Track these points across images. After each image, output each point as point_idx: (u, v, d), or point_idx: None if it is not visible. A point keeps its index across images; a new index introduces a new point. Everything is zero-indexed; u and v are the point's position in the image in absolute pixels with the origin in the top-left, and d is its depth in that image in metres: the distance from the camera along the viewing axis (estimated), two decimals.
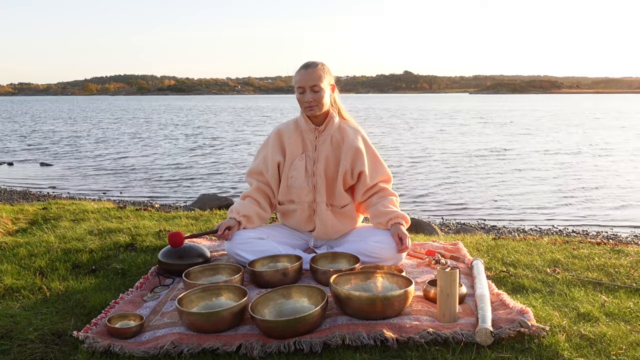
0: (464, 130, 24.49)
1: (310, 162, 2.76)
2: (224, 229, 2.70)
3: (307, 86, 2.64)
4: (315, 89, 2.64)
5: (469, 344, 1.83)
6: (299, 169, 2.76)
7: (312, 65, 2.67)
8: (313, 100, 2.65)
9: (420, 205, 8.62)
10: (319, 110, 2.69)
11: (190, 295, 2.13)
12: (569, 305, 2.20)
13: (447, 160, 13.72)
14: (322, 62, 2.72)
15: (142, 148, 17.72)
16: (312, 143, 2.77)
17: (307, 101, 2.65)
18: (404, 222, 2.69)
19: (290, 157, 2.79)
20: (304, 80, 2.64)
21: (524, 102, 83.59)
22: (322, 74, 2.66)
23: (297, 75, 2.68)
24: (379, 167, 2.83)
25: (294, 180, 2.77)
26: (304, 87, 2.65)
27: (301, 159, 2.77)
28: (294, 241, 2.85)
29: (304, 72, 2.66)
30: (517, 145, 17.32)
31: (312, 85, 2.63)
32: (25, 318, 2.11)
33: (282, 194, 2.83)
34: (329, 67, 2.75)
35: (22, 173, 12.80)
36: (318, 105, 2.67)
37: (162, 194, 9.96)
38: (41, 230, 3.65)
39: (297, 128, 2.82)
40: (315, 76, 2.64)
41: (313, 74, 2.64)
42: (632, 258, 2.91)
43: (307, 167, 2.76)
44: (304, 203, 2.77)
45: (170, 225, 3.80)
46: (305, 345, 1.83)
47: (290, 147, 2.79)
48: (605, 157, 14.12)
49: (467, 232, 5.15)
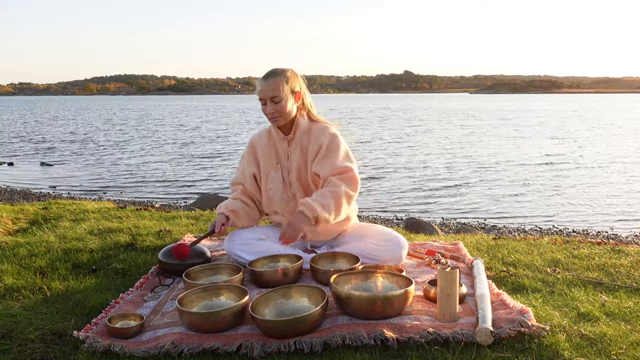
0: (465, 131, 24.49)
1: (286, 172, 2.72)
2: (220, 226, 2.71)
3: (267, 97, 2.56)
4: (275, 100, 2.56)
5: (469, 343, 1.83)
6: (275, 180, 2.73)
7: (271, 75, 2.58)
8: (275, 111, 2.57)
9: (420, 205, 8.62)
10: (283, 121, 2.62)
11: (191, 295, 2.13)
12: (569, 305, 2.20)
13: (448, 160, 13.73)
14: (284, 70, 2.62)
15: (143, 148, 17.73)
16: (285, 152, 2.72)
17: (268, 112, 2.58)
18: (309, 214, 2.45)
19: (264, 170, 2.76)
20: (263, 91, 2.57)
21: (524, 101, 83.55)
22: (281, 84, 2.55)
23: (257, 85, 2.61)
24: (335, 161, 2.59)
25: (273, 192, 2.74)
26: (264, 98, 2.57)
27: (276, 170, 2.73)
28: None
29: (263, 82, 2.58)
30: (517, 145, 17.32)
31: (271, 97, 2.55)
32: (25, 318, 2.11)
33: (265, 205, 2.82)
34: (294, 73, 2.65)
35: (22, 173, 12.81)
36: (281, 116, 2.59)
37: (162, 194, 9.97)
38: (41, 230, 3.65)
39: (270, 137, 2.77)
40: (274, 87, 2.55)
41: (272, 84, 2.55)
42: (632, 258, 2.91)
43: (284, 178, 2.72)
44: (287, 213, 2.74)
45: (171, 225, 3.80)
46: (305, 345, 1.83)
47: (263, 159, 2.76)
48: (605, 156, 14.12)
49: (467, 232, 5.15)
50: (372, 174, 11.59)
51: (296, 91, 2.63)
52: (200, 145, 18.41)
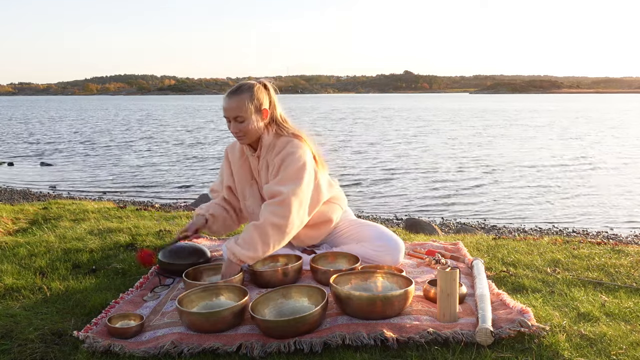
0: (469, 131, 24.49)
1: (260, 188, 2.66)
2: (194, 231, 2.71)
3: (230, 116, 2.47)
4: (238, 120, 2.46)
5: (469, 343, 1.83)
6: (252, 196, 2.69)
7: (236, 92, 2.47)
8: (239, 130, 2.48)
9: (420, 205, 8.62)
10: (248, 140, 2.54)
11: (191, 295, 2.13)
12: (569, 305, 2.20)
13: (448, 160, 13.73)
14: (251, 85, 2.50)
15: (143, 148, 17.72)
16: (256, 168, 2.67)
17: (233, 132, 2.50)
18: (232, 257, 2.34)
19: (239, 186, 2.73)
20: (226, 110, 2.48)
21: (526, 101, 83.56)
22: (244, 104, 2.44)
23: (222, 101, 2.51)
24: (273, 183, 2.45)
25: (252, 208, 2.70)
26: (228, 117, 2.49)
27: (252, 185, 2.69)
28: (292, 242, 2.83)
29: (227, 100, 2.48)
30: (518, 145, 17.32)
31: (234, 116, 2.46)
32: (25, 318, 2.11)
33: (247, 218, 2.80)
34: (262, 87, 2.52)
35: (22, 173, 12.80)
36: (246, 135, 2.50)
37: (162, 194, 9.97)
38: (41, 230, 3.65)
39: (243, 152, 2.71)
40: (236, 106, 2.45)
41: (234, 103, 2.45)
42: (632, 258, 2.91)
43: (260, 192, 2.67)
44: None
45: (171, 225, 3.80)
46: (305, 345, 1.83)
47: (238, 175, 2.72)
48: (606, 155, 14.12)
49: (467, 232, 5.15)
50: (372, 174, 11.60)
51: (262, 109, 2.51)
52: (200, 145, 18.42)
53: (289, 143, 2.51)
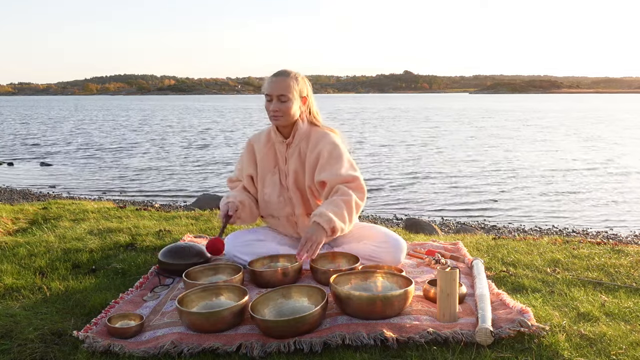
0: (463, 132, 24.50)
1: (283, 176, 2.70)
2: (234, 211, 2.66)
3: (275, 94, 2.53)
4: (282, 99, 2.53)
5: (469, 343, 1.83)
6: (272, 185, 2.70)
7: (283, 74, 2.58)
8: (279, 110, 2.54)
9: (420, 205, 8.62)
10: (285, 121, 2.59)
11: (190, 295, 2.13)
12: (569, 305, 2.20)
13: (448, 160, 13.73)
14: (297, 73, 2.62)
15: (143, 148, 17.72)
16: (283, 155, 2.69)
17: (272, 110, 2.55)
18: (325, 225, 2.38)
19: (262, 173, 2.74)
20: (272, 87, 2.54)
21: (526, 101, 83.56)
22: (292, 84, 2.55)
23: (266, 82, 2.59)
24: (341, 169, 2.55)
25: (269, 196, 2.71)
26: (272, 94, 2.54)
27: (274, 173, 2.71)
28: (293, 242, 2.84)
29: (273, 79, 2.56)
30: (518, 145, 17.32)
31: (279, 94, 2.53)
32: (25, 318, 2.11)
33: (262, 208, 2.80)
34: (304, 79, 2.64)
35: (22, 173, 12.80)
36: (284, 116, 2.55)
37: (162, 193, 9.97)
38: (41, 230, 3.65)
39: (269, 139, 2.74)
40: (283, 85, 2.53)
41: (282, 82, 2.54)
42: (632, 258, 2.91)
43: (281, 181, 2.70)
44: (283, 217, 2.74)
45: (170, 225, 3.80)
46: (305, 345, 1.83)
47: (262, 162, 2.74)
48: (605, 155, 14.12)
49: (467, 232, 5.15)
50: (372, 174, 11.59)
51: (304, 95, 2.62)
52: (200, 145, 18.41)
53: (328, 135, 2.65)
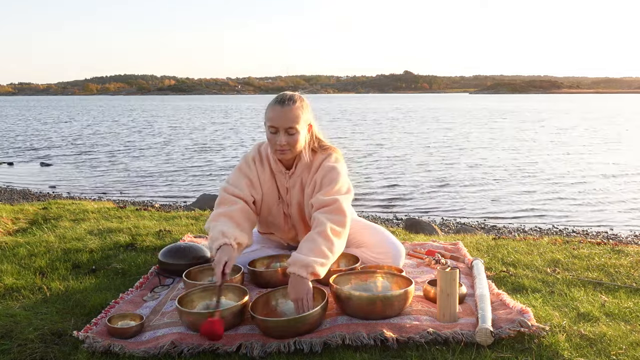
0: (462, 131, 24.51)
1: (286, 206, 2.53)
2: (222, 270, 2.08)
3: (282, 127, 2.25)
4: (290, 132, 2.26)
5: (469, 343, 1.83)
6: (276, 215, 2.54)
7: (289, 102, 2.27)
8: (287, 144, 2.27)
9: (420, 205, 8.62)
10: (292, 155, 2.34)
11: (190, 295, 2.13)
12: (569, 305, 2.20)
13: (447, 160, 13.73)
14: (299, 96, 2.34)
15: (143, 148, 17.72)
16: (284, 186, 2.48)
17: (279, 144, 2.27)
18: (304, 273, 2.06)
19: (266, 204, 2.51)
20: (279, 119, 2.25)
21: (527, 101, 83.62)
22: (299, 114, 2.27)
23: (270, 111, 2.29)
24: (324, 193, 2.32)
25: (273, 222, 2.59)
26: (278, 127, 2.26)
27: (278, 204, 2.52)
28: (290, 248, 2.80)
29: (279, 109, 2.26)
30: (518, 145, 17.32)
31: (287, 127, 2.25)
32: (25, 318, 2.11)
33: (262, 226, 2.68)
34: (306, 102, 2.36)
35: (22, 173, 12.80)
36: (291, 149, 2.30)
37: (162, 194, 9.96)
38: (41, 230, 3.65)
39: (268, 166, 2.47)
40: (291, 116, 2.25)
41: (289, 113, 2.25)
42: (632, 258, 2.91)
43: (284, 212, 2.54)
44: (286, 240, 2.71)
45: (170, 225, 3.79)
46: (305, 345, 1.83)
47: (266, 195, 2.49)
48: (605, 155, 14.12)
49: (467, 232, 5.15)
50: (372, 174, 11.60)
51: (309, 123, 2.37)
52: (200, 145, 18.41)
53: (326, 159, 2.40)
